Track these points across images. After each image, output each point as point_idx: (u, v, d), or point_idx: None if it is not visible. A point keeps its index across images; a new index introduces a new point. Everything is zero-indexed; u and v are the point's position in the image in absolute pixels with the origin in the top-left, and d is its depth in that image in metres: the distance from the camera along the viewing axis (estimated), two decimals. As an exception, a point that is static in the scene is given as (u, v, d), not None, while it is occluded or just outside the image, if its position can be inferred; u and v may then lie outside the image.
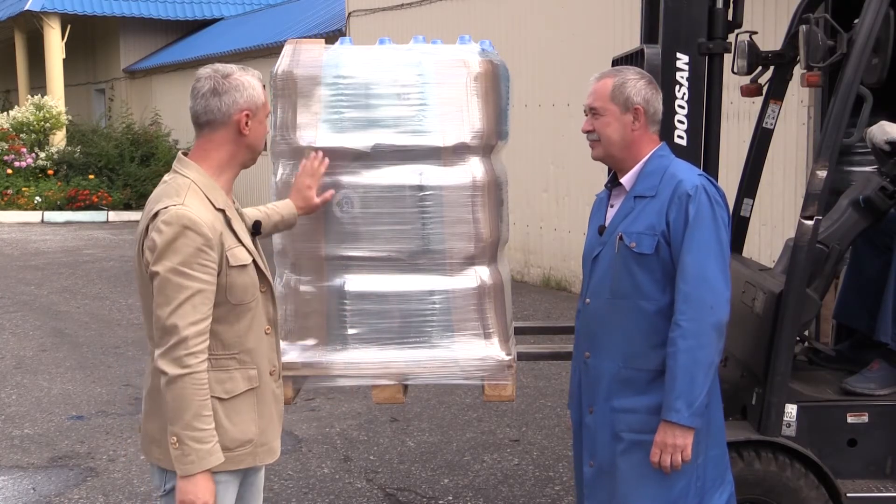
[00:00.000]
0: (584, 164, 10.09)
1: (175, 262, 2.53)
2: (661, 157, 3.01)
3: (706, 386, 2.83)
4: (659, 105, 3.01)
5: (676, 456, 2.84)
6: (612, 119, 2.98)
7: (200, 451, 2.54)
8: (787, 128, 7.49)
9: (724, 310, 2.86)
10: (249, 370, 2.71)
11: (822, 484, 3.36)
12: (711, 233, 2.86)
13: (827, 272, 3.53)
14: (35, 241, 15.09)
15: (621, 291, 2.96)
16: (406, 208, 3.28)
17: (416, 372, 3.34)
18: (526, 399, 6.51)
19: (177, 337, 2.52)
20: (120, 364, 7.64)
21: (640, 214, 2.95)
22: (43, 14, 21.49)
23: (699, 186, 2.88)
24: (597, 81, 3.02)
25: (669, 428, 2.84)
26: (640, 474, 2.93)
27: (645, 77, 3.01)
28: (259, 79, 2.74)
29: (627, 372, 2.96)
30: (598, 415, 3.03)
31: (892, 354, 3.58)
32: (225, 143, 2.71)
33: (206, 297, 2.56)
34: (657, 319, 2.91)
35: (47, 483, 5.20)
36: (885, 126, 3.76)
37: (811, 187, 3.35)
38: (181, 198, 2.59)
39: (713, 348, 2.84)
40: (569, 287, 10.46)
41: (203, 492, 2.55)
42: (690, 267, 2.84)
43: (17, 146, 19.02)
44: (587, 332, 3.10)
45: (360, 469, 5.34)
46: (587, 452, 3.09)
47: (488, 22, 11.38)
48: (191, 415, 2.53)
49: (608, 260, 3.00)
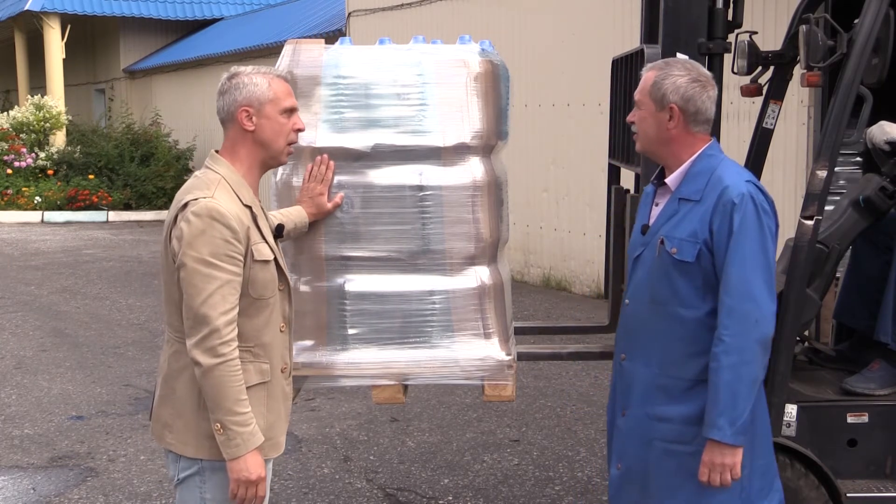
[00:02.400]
0: (585, 165, 10.13)
1: (204, 253, 2.60)
2: (710, 156, 2.88)
3: (750, 402, 2.74)
4: (704, 103, 2.85)
5: (725, 475, 2.76)
6: (647, 114, 2.88)
7: (244, 433, 2.64)
8: (787, 128, 7.49)
9: (770, 324, 2.77)
10: (262, 364, 2.77)
11: (822, 484, 3.36)
12: (757, 244, 2.76)
13: (827, 272, 3.53)
14: (35, 241, 15.09)
15: (660, 297, 2.88)
16: (406, 208, 3.28)
17: (416, 372, 3.34)
18: (526, 399, 6.51)
19: (209, 327, 2.59)
20: (120, 364, 7.64)
21: (683, 219, 2.85)
22: (43, 14, 21.49)
23: (745, 194, 2.77)
24: (646, 72, 2.92)
25: (716, 447, 2.75)
26: (673, 484, 2.87)
27: (691, 73, 2.85)
28: (274, 76, 2.78)
29: (663, 379, 2.89)
30: (630, 419, 2.98)
31: (892, 354, 3.58)
32: (238, 141, 2.77)
33: (234, 288, 2.64)
34: (695, 328, 2.82)
35: (47, 483, 5.20)
36: (884, 126, 3.76)
37: (811, 187, 3.35)
38: (211, 191, 2.67)
39: (758, 364, 2.75)
40: (569, 287, 10.45)
41: (255, 468, 2.66)
42: (735, 280, 2.74)
43: (17, 146, 19.02)
44: (625, 333, 3.04)
45: (360, 469, 5.34)
46: (616, 454, 3.05)
47: (488, 22, 11.38)
48: (231, 401, 2.62)
49: (649, 262, 2.92)
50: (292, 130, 2.80)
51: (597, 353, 4.20)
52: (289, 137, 2.80)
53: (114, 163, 18.83)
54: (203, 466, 2.75)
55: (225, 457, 2.66)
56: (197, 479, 2.76)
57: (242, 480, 2.66)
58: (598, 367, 7.27)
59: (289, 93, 2.80)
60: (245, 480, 2.66)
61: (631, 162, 3.95)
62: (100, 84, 25.58)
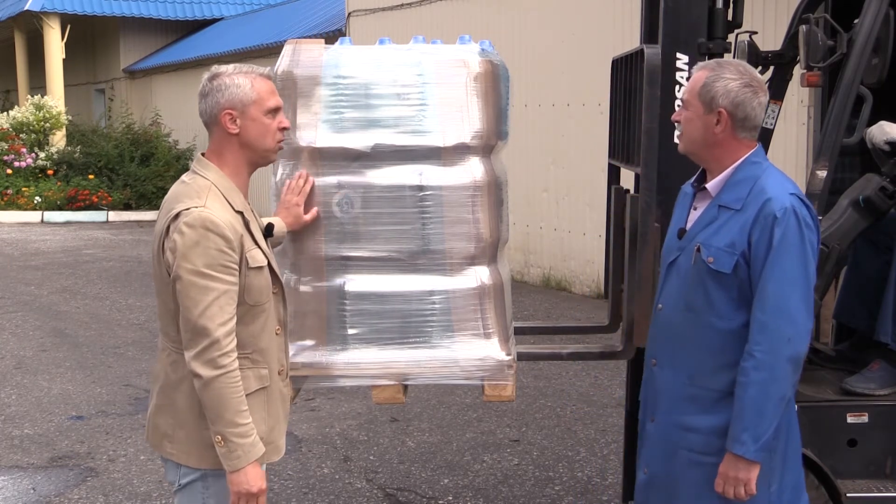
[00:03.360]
0: (585, 165, 10.13)
1: (199, 264, 2.57)
2: (754, 164, 2.80)
3: (776, 420, 2.69)
4: (754, 110, 2.76)
5: (740, 489, 2.73)
6: (694, 116, 2.80)
7: (245, 444, 2.62)
8: (787, 128, 7.49)
9: (803, 342, 2.70)
10: (261, 369, 2.75)
11: (821, 484, 3.36)
12: (796, 260, 2.67)
13: (827, 272, 3.53)
14: (35, 241, 15.09)
15: (694, 305, 2.82)
16: (406, 208, 3.28)
17: (416, 372, 3.34)
18: (526, 399, 6.51)
19: (208, 339, 2.56)
20: (120, 364, 7.64)
21: (722, 227, 2.77)
22: (43, 14, 21.49)
23: (788, 208, 2.68)
24: (697, 71, 2.83)
25: (734, 460, 2.71)
26: (699, 495, 2.84)
27: (744, 77, 2.76)
28: (256, 75, 2.72)
29: (693, 389, 2.83)
30: (658, 425, 2.95)
31: (892, 354, 3.58)
32: (224, 144, 2.73)
33: (231, 298, 2.61)
34: (729, 339, 2.76)
35: (47, 483, 5.20)
36: (884, 126, 3.76)
37: (811, 187, 3.35)
38: (202, 200, 2.62)
39: (787, 382, 2.69)
40: (569, 287, 10.45)
41: (255, 480, 2.64)
42: (770, 296, 2.67)
43: (17, 146, 19.03)
44: (656, 338, 2.99)
45: (359, 469, 5.34)
46: (643, 459, 3.02)
47: (488, 22, 11.38)
48: (231, 412, 2.60)
49: (684, 269, 2.86)
50: (278, 129, 2.75)
51: (597, 354, 4.19)
52: (275, 137, 2.75)
53: (114, 163, 18.84)
54: (206, 473, 2.73)
55: (226, 468, 2.64)
56: (199, 486, 2.75)
57: (243, 493, 2.64)
58: (597, 368, 7.28)
59: (272, 92, 2.74)
60: (246, 493, 2.64)
61: (631, 162, 3.95)
62: (100, 84, 25.59)
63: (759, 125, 2.83)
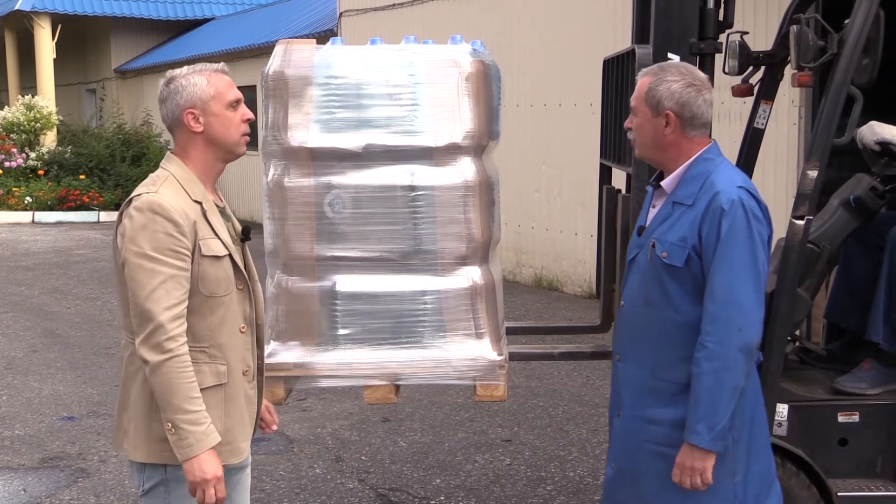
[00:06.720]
0: (576, 165, 10.14)
1: (146, 247, 2.56)
2: (706, 160, 2.86)
3: (730, 409, 2.73)
4: (700, 108, 2.82)
5: (696, 478, 2.76)
6: (644, 121, 2.87)
7: (196, 432, 2.57)
8: (779, 128, 7.50)
9: (755, 332, 2.75)
10: (219, 365, 2.70)
11: (813, 483, 3.37)
12: (745, 251, 2.73)
13: (818, 272, 3.54)
14: (25, 241, 15.04)
15: (652, 300, 2.87)
16: (397, 208, 3.28)
17: (407, 372, 3.34)
18: (518, 399, 6.51)
19: (153, 323, 2.54)
20: (111, 364, 7.62)
21: (675, 223, 2.84)
22: (33, 14, 21.44)
23: (736, 201, 2.75)
24: (640, 78, 2.89)
25: (690, 450, 2.75)
26: (663, 487, 2.86)
27: (686, 77, 2.83)
28: (211, 72, 2.71)
29: (655, 382, 2.88)
30: (623, 419, 2.99)
31: (882, 354, 3.59)
32: (189, 143, 2.73)
33: (179, 282, 2.58)
34: (686, 332, 2.80)
35: (38, 484, 5.18)
36: (874, 126, 3.77)
37: (802, 187, 3.36)
38: (155, 186, 2.64)
39: (740, 371, 2.73)
40: (560, 287, 10.46)
41: (210, 468, 2.59)
42: (719, 287, 2.72)
43: (8, 146, 18.98)
44: (620, 334, 3.04)
45: (351, 469, 5.33)
46: (610, 454, 3.06)
47: (480, 22, 11.39)
48: (180, 398, 2.55)
49: (643, 265, 2.91)
50: (242, 121, 2.74)
51: (588, 353, 4.20)
52: (240, 129, 2.73)
53: (105, 163, 18.80)
54: (167, 477, 2.68)
55: (178, 458, 2.58)
56: (162, 490, 2.70)
57: (198, 481, 2.58)
58: (589, 367, 7.28)
59: (230, 85, 2.74)
60: (201, 481, 2.58)
61: (622, 162, 3.95)
62: (91, 84, 25.53)
63: (708, 122, 2.88)
